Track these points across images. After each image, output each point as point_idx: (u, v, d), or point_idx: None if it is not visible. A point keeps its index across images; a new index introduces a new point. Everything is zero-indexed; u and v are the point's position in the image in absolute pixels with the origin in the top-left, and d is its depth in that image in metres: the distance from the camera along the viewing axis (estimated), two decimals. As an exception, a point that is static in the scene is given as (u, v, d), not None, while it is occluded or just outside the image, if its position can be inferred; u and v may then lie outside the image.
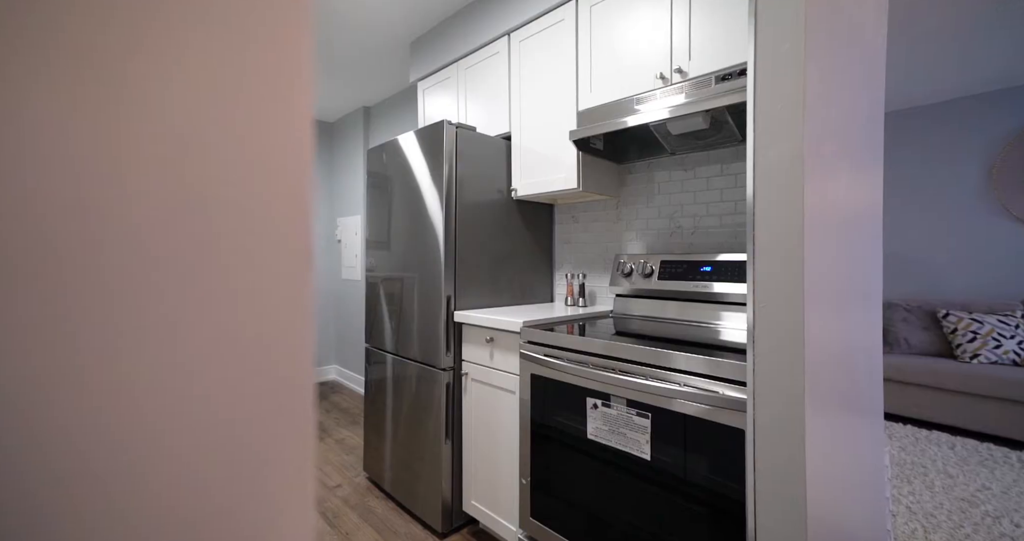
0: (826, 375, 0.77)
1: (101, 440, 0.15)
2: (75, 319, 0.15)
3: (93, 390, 0.15)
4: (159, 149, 0.16)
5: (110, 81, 0.15)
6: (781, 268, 0.69)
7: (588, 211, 1.98)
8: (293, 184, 0.20)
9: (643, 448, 1.09)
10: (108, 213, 0.15)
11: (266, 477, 0.19)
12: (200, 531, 0.17)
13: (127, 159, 0.16)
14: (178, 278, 0.17)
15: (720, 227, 1.56)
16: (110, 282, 0.15)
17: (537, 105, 1.75)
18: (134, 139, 0.16)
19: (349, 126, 3.54)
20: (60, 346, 0.15)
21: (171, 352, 0.17)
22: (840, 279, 0.82)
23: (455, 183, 1.69)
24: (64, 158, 0.15)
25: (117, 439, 0.16)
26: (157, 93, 0.16)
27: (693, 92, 1.28)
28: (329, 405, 3.22)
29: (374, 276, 2.04)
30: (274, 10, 0.18)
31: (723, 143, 1.50)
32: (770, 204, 0.69)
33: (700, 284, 1.50)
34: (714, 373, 0.96)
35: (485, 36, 1.94)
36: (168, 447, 0.17)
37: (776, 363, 0.73)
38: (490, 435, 1.59)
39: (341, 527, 1.78)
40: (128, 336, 0.16)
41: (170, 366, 0.17)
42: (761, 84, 0.70)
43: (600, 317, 1.69)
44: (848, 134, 0.85)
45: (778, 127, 0.69)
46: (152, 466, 0.16)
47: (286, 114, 0.19)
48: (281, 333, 0.19)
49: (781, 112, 0.68)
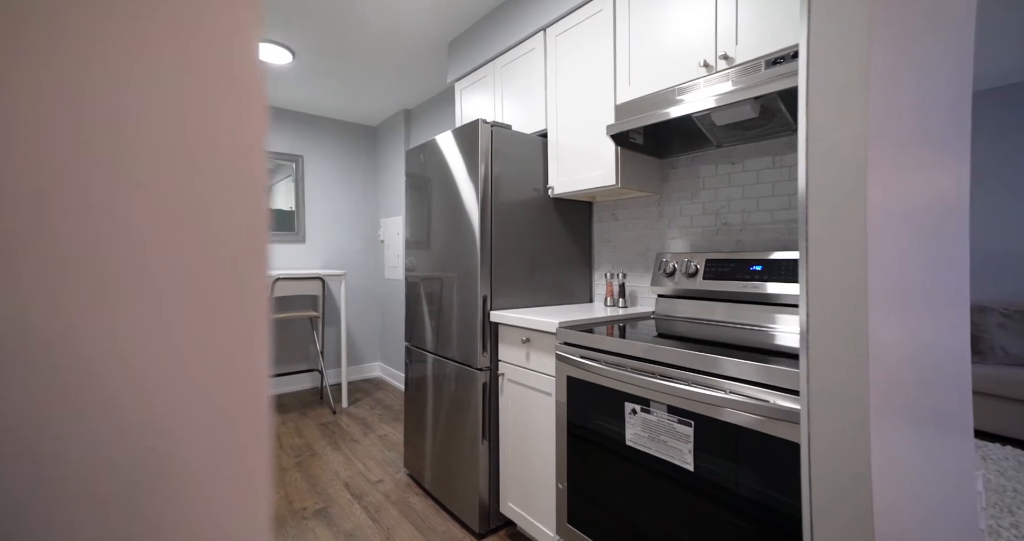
0: (897, 385, 0.69)
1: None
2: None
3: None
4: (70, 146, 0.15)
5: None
6: (839, 266, 0.62)
7: (628, 208, 1.91)
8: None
9: (685, 458, 1.03)
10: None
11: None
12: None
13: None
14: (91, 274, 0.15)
15: (772, 223, 1.45)
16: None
17: (573, 101, 1.71)
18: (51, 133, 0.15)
19: (391, 129, 3.64)
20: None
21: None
22: (915, 278, 0.73)
23: (491, 182, 1.68)
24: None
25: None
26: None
27: (741, 79, 1.20)
28: (373, 401, 3.32)
29: (414, 276, 2.07)
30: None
31: (774, 133, 1.39)
32: (825, 195, 0.62)
33: (750, 284, 1.40)
34: (765, 380, 0.89)
35: (520, 33, 1.92)
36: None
37: (834, 371, 0.65)
38: (526, 437, 1.57)
39: (382, 522, 1.82)
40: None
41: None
42: (815, 61, 0.63)
43: (641, 318, 1.62)
44: (925, 116, 0.75)
45: (835, 110, 0.62)
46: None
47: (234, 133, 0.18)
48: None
49: (839, 93, 0.61)
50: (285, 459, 2.37)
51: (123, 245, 0.16)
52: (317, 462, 2.35)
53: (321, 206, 3.66)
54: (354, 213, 3.84)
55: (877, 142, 0.63)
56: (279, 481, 2.14)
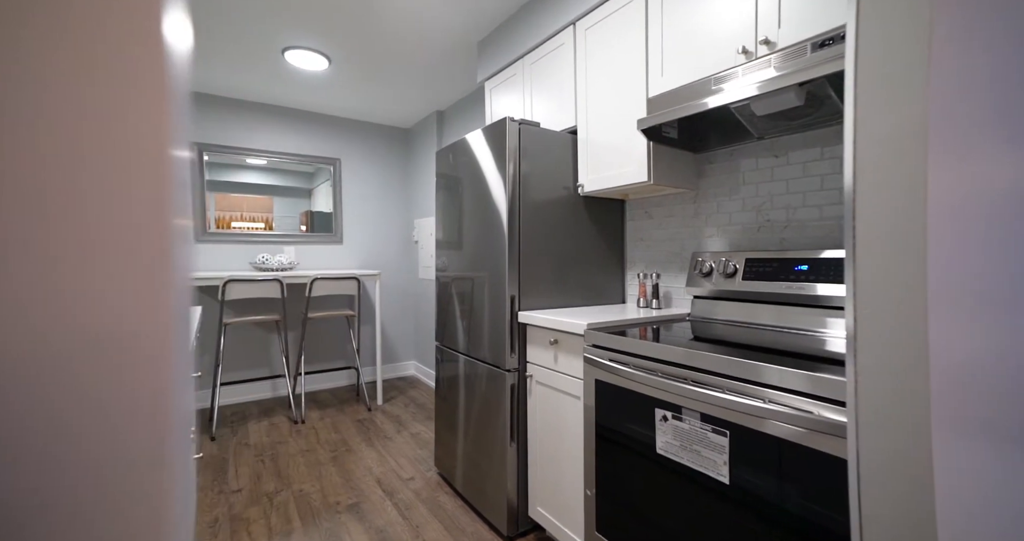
0: (970, 397, 0.61)
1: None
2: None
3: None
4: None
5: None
6: (894, 264, 0.55)
7: (662, 206, 1.83)
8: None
9: (720, 470, 0.96)
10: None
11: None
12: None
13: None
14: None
15: (820, 220, 1.35)
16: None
17: (604, 96, 1.66)
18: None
19: (424, 131, 3.69)
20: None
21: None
22: (991, 277, 0.65)
23: (519, 180, 1.66)
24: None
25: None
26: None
27: (784, 64, 1.11)
28: (407, 399, 3.37)
29: (445, 276, 2.08)
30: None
31: (822, 122, 1.29)
32: (876, 186, 0.56)
33: (794, 285, 1.30)
34: (808, 390, 0.82)
35: (550, 28, 1.89)
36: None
37: (888, 380, 0.59)
38: (555, 440, 1.53)
39: (412, 519, 1.83)
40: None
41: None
42: (866, 30, 0.57)
43: (676, 320, 1.55)
44: (1001, 92, 0.66)
45: (889, 88, 0.55)
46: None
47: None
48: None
49: (893, 67, 0.54)
50: (322, 453, 2.45)
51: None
52: (352, 458, 2.40)
53: (357, 208, 3.77)
54: (389, 214, 3.93)
55: (940, 124, 0.55)
56: (316, 474, 2.21)
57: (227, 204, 3.25)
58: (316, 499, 1.99)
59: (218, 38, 2.37)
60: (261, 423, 2.89)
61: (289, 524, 1.80)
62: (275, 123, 3.38)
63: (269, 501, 1.98)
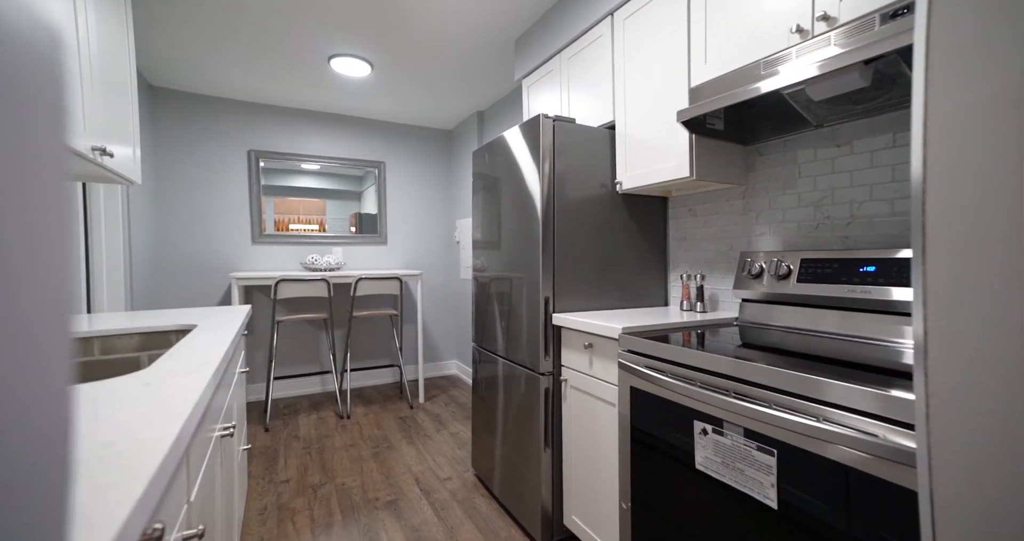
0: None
1: None
2: None
3: None
4: None
5: None
6: (979, 263, 0.46)
7: (708, 203, 1.72)
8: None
9: (767, 492, 0.87)
10: None
11: None
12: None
13: None
14: None
15: (892, 215, 1.20)
16: None
17: (643, 88, 1.57)
18: None
19: (465, 132, 3.72)
20: None
21: None
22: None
23: (553, 179, 1.61)
24: None
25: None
26: None
27: (847, 40, 1.00)
28: (448, 398, 3.41)
29: (483, 276, 2.07)
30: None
31: (894, 104, 1.15)
32: (953, 174, 0.47)
33: (859, 288, 1.17)
34: (874, 409, 0.72)
35: (587, 20, 1.83)
36: None
37: (968, 401, 0.49)
38: (589, 448, 1.47)
39: (447, 520, 1.83)
40: None
41: None
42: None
43: (722, 325, 1.44)
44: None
45: (970, 56, 0.46)
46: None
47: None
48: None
49: (979, 27, 0.45)
50: (364, 449, 2.52)
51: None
52: (392, 454, 2.45)
53: (401, 209, 3.86)
54: (432, 215, 3.99)
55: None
56: (357, 469, 2.27)
57: (285, 207, 3.44)
58: (356, 494, 2.04)
59: (270, 52, 2.50)
60: (310, 417, 3.03)
61: (330, 517, 1.86)
62: (323, 129, 3.54)
63: (313, 493, 2.05)
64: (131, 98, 1.57)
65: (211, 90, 3.08)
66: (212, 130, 3.18)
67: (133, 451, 0.46)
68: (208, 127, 3.17)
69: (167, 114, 3.05)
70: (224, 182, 3.23)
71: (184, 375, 0.76)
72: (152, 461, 0.44)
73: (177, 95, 3.07)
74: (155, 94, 3.01)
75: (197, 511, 0.76)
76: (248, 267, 3.32)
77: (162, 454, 0.46)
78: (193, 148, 3.13)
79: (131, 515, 0.36)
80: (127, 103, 1.53)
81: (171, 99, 3.06)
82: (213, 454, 0.97)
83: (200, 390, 0.68)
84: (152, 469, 0.43)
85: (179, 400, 0.63)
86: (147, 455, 0.45)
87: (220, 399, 1.08)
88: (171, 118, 3.06)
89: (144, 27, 2.24)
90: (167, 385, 0.70)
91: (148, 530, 0.45)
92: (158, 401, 0.63)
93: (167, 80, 2.91)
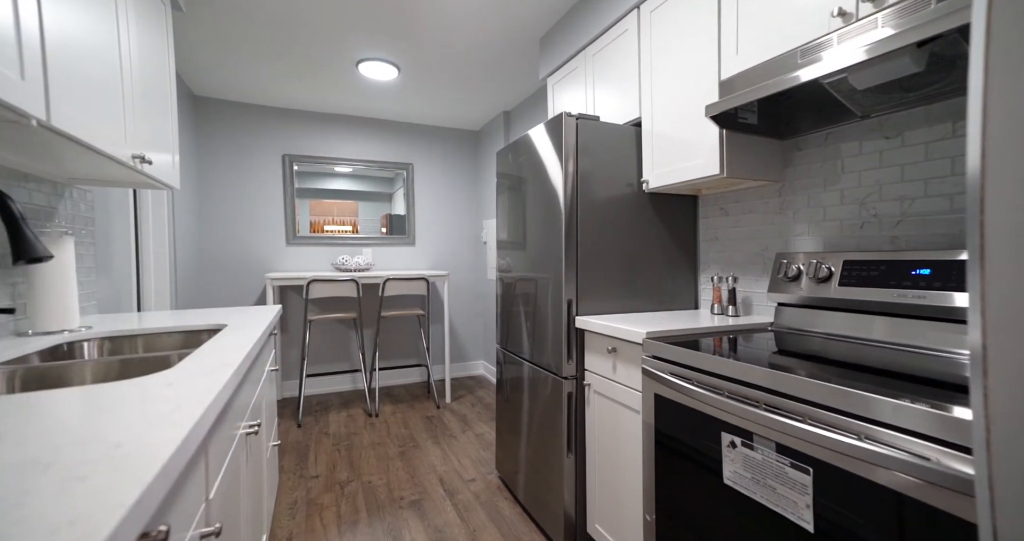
0: None
1: None
2: None
3: None
4: None
5: None
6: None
7: (741, 201, 1.63)
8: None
9: (802, 513, 0.81)
10: None
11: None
12: None
13: None
14: None
15: (950, 213, 1.10)
16: None
17: (671, 82, 1.51)
18: None
19: (492, 132, 3.71)
20: None
21: None
22: None
23: (576, 177, 1.57)
24: None
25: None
26: None
27: (898, 21, 0.91)
28: (474, 399, 3.41)
29: (508, 277, 2.05)
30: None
31: (952, 91, 1.05)
32: (1018, 167, 0.40)
33: (910, 293, 1.07)
34: (925, 430, 0.65)
35: (612, 14, 1.77)
36: None
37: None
38: (613, 455, 1.42)
39: (469, 522, 1.82)
40: None
41: None
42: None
43: (756, 330, 1.37)
44: None
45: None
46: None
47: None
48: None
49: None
50: (391, 447, 2.55)
51: None
52: (418, 454, 2.47)
53: (429, 210, 3.90)
54: (459, 216, 4.01)
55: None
56: (384, 468, 2.30)
57: (320, 209, 3.54)
58: (382, 492, 2.07)
59: (301, 60, 2.58)
60: (340, 414, 3.10)
61: (356, 514, 1.89)
62: (353, 132, 3.62)
63: (341, 490, 2.09)
64: (171, 107, 1.64)
65: (247, 97, 3.20)
66: (248, 136, 3.31)
67: (140, 453, 0.47)
68: (244, 133, 3.30)
69: (208, 122, 3.20)
70: (260, 186, 3.36)
71: (205, 375, 0.78)
72: (154, 465, 0.44)
73: (217, 104, 3.22)
74: (197, 103, 3.16)
75: (217, 508, 0.78)
76: (282, 268, 3.44)
77: (164, 459, 0.46)
78: (231, 154, 3.27)
79: (124, 519, 0.36)
80: (167, 112, 1.60)
81: (211, 108, 3.20)
82: (237, 451, 0.99)
83: (215, 392, 0.69)
84: (152, 473, 0.43)
85: (194, 402, 0.64)
86: (151, 458, 0.46)
87: (245, 397, 1.11)
88: (211, 125, 3.21)
89: (188, 41, 2.36)
90: (186, 386, 0.72)
91: (153, 532, 0.46)
92: (175, 402, 0.64)
93: (208, 89, 3.05)
